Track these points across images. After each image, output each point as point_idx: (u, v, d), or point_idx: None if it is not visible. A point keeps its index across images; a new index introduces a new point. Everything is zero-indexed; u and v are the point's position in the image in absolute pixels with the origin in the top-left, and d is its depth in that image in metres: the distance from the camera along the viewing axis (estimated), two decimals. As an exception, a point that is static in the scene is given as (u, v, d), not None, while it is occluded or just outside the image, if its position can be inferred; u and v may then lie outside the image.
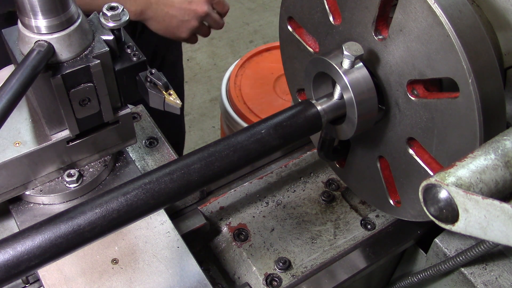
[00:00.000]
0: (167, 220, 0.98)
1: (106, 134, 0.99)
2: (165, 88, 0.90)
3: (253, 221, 1.12)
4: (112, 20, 0.88)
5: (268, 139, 0.85)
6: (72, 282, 0.89)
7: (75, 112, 0.90)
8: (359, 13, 0.86)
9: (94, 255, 0.92)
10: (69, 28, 0.83)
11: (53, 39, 0.82)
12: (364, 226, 1.12)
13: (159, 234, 0.96)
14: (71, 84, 0.86)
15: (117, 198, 0.73)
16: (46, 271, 0.90)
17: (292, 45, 1.08)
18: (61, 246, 0.68)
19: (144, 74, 0.92)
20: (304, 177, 1.21)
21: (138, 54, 0.92)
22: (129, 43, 0.94)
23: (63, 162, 0.99)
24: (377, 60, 0.86)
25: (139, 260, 0.92)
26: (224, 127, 2.49)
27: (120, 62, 0.91)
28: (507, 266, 1.01)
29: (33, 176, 0.97)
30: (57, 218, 0.70)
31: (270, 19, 4.20)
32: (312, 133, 0.96)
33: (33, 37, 0.82)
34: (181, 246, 0.94)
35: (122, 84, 0.94)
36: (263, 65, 2.43)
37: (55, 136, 0.95)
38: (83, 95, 0.88)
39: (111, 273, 0.90)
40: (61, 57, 0.84)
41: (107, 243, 0.94)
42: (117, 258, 0.92)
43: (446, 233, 1.05)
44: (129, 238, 0.95)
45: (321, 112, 0.89)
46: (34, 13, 0.79)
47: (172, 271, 0.91)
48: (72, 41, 0.84)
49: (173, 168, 0.77)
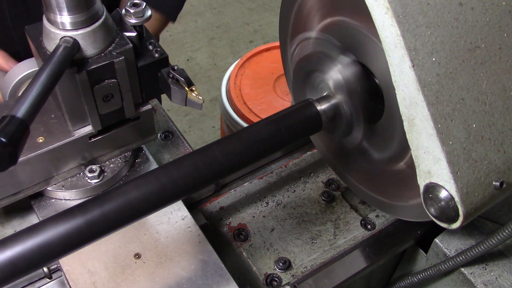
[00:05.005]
0: (188, 215, 0.99)
1: (127, 130, 1.00)
2: (187, 84, 0.90)
3: (253, 221, 1.12)
4: (134, 17, 0.89)
5: (268, 139, 0.85)
6: (95, 276, 0.90)
7: (98, 108, 0.91)
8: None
9: (117, 249, 0.93)
10: (94, 25, 0.83)
11: (78, 35, 0.82)
12: (364, 226, 1.12)
13: (180, 229, 0.96)
14: (96, 80, 0.87)
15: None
16: (69, 266, 0.91)
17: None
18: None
19: (166, 70, 0.92)
20: (304, 177, 1.21)
21: (160, 50, 0.93)
22: (150, 39, 0.94)
23: (85, 158, 1.00)
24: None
25: (161, 254, 0.93)
26: (224, 127, 2.49)
27: (142, 59, 0.92)
28: (507, 266, 1.01)
29: (55, 171, 0.98)
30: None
31: (270, 19, 4.20)
32: (312, 133, 0.96)
33: (58, 33, 0.82)
34: (202, 241, 0.95)
35: (144, 80, 0.95)
36: (263, 65, 2.43)
37: (78, 132, 0.96)
38: (106, 91, 0.89)
39: (134, 267, 0.91)
40: (86, 53, 0.85)
41: (129, 238, 0.95)
42: (139, 253, 0.93)
43: (446, 233, 1.05)
44: (151, 233, 0.96)
45: (321, 112, 0.89)
46: (60, 9, 0.80)
47: (195, 265, 0.91)
48: (97, 37, 0.84)
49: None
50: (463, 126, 0.73)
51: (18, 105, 0.66)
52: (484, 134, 0.75)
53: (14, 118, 0.63)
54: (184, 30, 4.07)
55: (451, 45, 0.73)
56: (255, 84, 2.35)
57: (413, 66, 0.70)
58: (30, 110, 0.65)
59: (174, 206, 1.00)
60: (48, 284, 0.99)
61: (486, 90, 0.75)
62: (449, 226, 0.77)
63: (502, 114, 0.76)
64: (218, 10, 4.27)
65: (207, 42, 3.96)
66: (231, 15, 4.24)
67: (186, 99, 0.90)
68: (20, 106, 0.65)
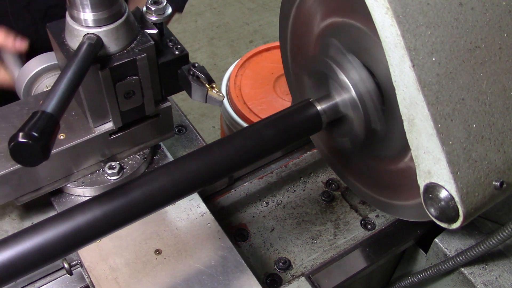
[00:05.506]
0: (207, 211, 1.00)
1: (147, 127, 1.01)
2: (208, 81, 0.90)
3: (253, 221, 1.12)
4: (155, 14, 0.89)
5: (268, 139, 0.85)
6: (117, 272, 0.90)
7: (119, 105, 0.92)
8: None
9: (137, 246, 0.94)
10: (117, 22, 0.84)
11: (101, 32, 0.83)
12: (364, 226, 1.12)
13: (199, 225, 0.97)
14: (118, 77, 0.87)
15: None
16: (90, 262, 0.91)
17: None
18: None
19: (187, 67, 0.92)
20: (304, 177, 1.21)
21: (180, 47, 0.93)
22: (170, 36, 0.95)
23: (104, 155, 1.00)
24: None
25: (181, 251, 0.93)
26: (224, 127, 2.49)
27: (163, 56, 0.92)
28: (507, 266, 1.01)
29: (75, 168, 0.98)
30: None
31: (270, 19, 4.20)
32: (312, 133, 0.96)
33: (81, 30, 0.83)
34: (222, 237, 0.96)
35: (164, 77, 0.95)
36: (263, 65, 2.43)
37: (99, 129, 0.96)
38: (128, 88, 0.90)
39: (155, 263, 0.92)
40: (108, 50, 0.85)
41: (149, 234, 0.95)
42: (160, 249, 0.93)
43: (446, 233, 1.05)
44: (171, 230, 0.96)
45: (321, 112, 0.89)
46: (84, 7, 0.81)
47: (215, 262, 0.92)
48: (120, 35, 0.85)
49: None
50: (463, 126, 0.73)
51: (47, 101, 0.66)
52: (484, 134, 0.75)
53: (44, 113, 0.64)
54: (184, 30, 4.06)
55: (451, 45, 0.73)
56: (255, 84, 2.35)
57: (413, 66, 0.70)
58: (59, 106, 0.66)
59: (193, 203, 1.01)
60: (48, 284, 0.99)
61: (486, 90, 0.75)
62: (449, 226, 0.77)
63: (502, 114, 0.76)
64: (218, 10, 4.27)
65: (207, 42, 3.96)
66: (231, 15, 4.24)
67: (206, 96, 0.90)
68: (49, 102, 0.66)
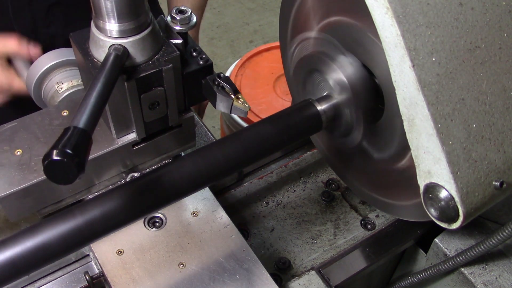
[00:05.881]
0: (230, 223, 0.98)
1: (170, 137, 0.99)
2: (234, 92, 0.89)
3: (253, 221, 1.12)
4: (180, 24, 0.88)
5: (268, 138, 0.85)
6: (140, 285, 0.89)
7: (144, 116, 0.90)
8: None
9: (161, 258, 0.93)
10: (143, 32, 0.82)
11: (127, 43, 0.81)
12: (364, 226, 1.12)
13: (223, 237, 0.96)
14: (144, 88, 0.86)
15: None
16: (114, 275, 0.91)
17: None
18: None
19: (212, 78, 0.91)
20: (304, 177, 1.21)
21: (205, 57, 0.92)
22: (195, 46, 0.93)
23: (126, 166, 0.99)
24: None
25: (205, 263, 0.92)
26: (224, 127, 2.49)
27: (188, 66, 0.91)
28: (507, 266, 1.01)
29: (97, 179, 0.97)
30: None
31: (270, 19, 4.20)
32: (313, 133, 0.96)
33: (107, 41, 0.81)
34: (246, 249, 0.95)
35: (188, 87, 0.93)
36: (263, 65, 2.43)
37: (122, 140, 0.95)
38: (153, 98, 0.88)
39: (179, 276, 0.91)
40: (134, 61, 0.83)
41: (172, 247, 0.94)
42: (183, 262, 0.92)
43: (446, 233, 1.05)
44: (195, 242, 0.95)
45: (321, 112, 0.89)
46: (111, 17, 0.79)
47: (240, 275, 0.91)
48: (146, 45, 0.83)
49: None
50: (463, 126, 0.73)
51: (79, 115, 0.65)
52: (484, 134, 0.75)
53: (77, 129, 0.63)
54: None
55: (451, 45, 0.73)
56: (255, 84, 2.35)
57: (413, 66, 0.70)
58: (90, 120, 0.65)
59: (216, 214, 1.00)
60: (48, 284, 0.99)
61: (486, 90, 0.75)
62: (449, 226, 0.77)
63: (502, 114, 0.76)
64: (218, 10, 4.27)
65: (207, 42, 3.96)
66: (231, 15, 4.24)
67: (231, 107, 0.89)
68: (80, 117, 0.65)
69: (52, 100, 1.12)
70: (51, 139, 0.93)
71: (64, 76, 1.13)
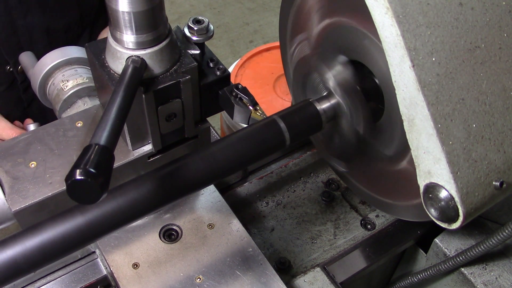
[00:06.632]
0: (247, 236, 0.97)
1: (185, 148, 0.98)
2: (252, 104, 0.88)
3: (253, 221, 1.12)
4: (198, 34, 0.86)
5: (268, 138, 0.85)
6: None
7: (160, 127, 0.89)
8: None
9: (177, 272, 0.92)
10: (161, 44, 0.81)
11: (145, 55, 0.80)
12: (364, 226, 1.12)
13: (239, 250, 0.95)
14: (161, 100, 0.84)
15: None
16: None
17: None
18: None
19: (229, 88, 0.90)
20: (304, 177, 1.21)
21: (222, 68, 0.90)
22: (211, 56, 0.92)
23: None
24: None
25: (222, 277, 0.91)
26: (224, 127, 2.49)
27: (205, 77, 0.89)
28: (507, 266, 1.01)
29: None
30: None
31: (270, 19, 4.20)
32: (312, 133, 0.96)
33: (125, 53, 0.80)
34: (263, 262, 0.93)
35: (204, 98, 0.92)
36: (263, 65, 2.43)
37: (137, 152, 0.93)
38: (170, 110, 0.87)
39: None
40: (152, 73, 0.82)
41: (189, 261, 0.93)
42: (200, 276, 0.91)
43: (446, 233, 1.05)
44: (211, 255, 0.94)
45: (321, 111, 0.89)
46: (128, 29, 0.77)
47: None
48: (164, 57, 0.82)
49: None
50: (463, 126, 0.73)
51: (99, 132, 0.64)
52: (484, 134, 0.75)
53: (98, 146, 0.61)
54: (184, 30, 4.06)
55: (451, 45, 0.73)
56: (255, 84, 2.35)
57: (413, 66, 0.70)
58: (112, 136, 0.64)
59: (232, 227, 0.98)
60: (48, 284, 0.99)
61: (486, 90, 0.75)
62: (449, 226, 0.77)
63: (502, 114, 0.76)
64: (218, 10, 4.27)
65: (207, 42, 3.96)
66: (231, 15, 4.24)
67: (249, 118, 0.88)
68: (102, 133, 0.64)
69: (57, 98, 1.12)
70: (65, 151, 0.91)
71: (69, 74, 1.14)
